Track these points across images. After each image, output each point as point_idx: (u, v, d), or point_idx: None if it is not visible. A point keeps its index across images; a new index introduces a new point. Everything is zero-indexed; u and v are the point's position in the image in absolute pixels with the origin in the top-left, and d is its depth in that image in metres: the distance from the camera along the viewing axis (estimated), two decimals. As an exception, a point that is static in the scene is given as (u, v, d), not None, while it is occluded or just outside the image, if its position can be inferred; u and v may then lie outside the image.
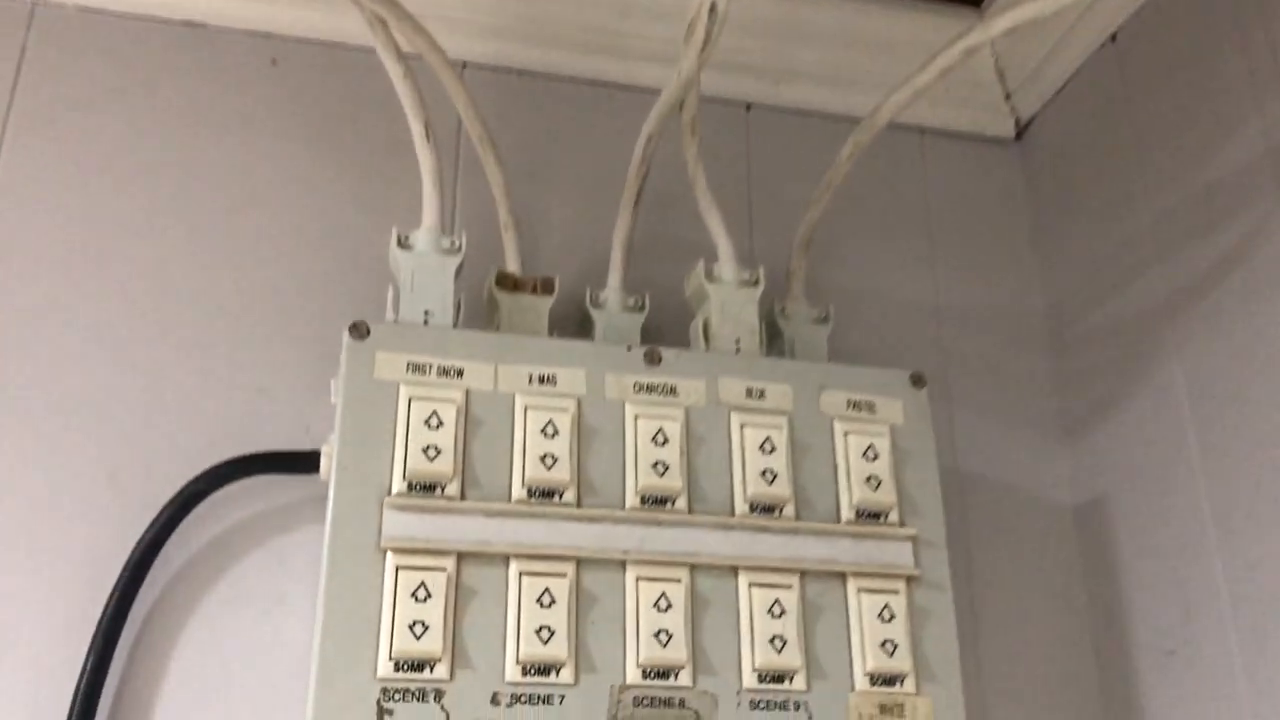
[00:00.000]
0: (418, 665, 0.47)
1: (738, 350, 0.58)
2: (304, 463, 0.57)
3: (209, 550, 0.56)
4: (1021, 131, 0.78)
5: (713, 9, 0.53)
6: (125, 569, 0.54)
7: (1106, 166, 0.70)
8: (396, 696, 0.46)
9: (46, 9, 0.65)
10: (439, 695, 0.47)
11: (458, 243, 0.58)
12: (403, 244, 0.57)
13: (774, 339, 0.63)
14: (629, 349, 0.55)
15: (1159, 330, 0.64)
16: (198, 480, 0.56)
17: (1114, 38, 0.70)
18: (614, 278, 0.63)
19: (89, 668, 0.52)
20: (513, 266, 0.62)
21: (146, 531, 0.54)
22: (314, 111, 0.67)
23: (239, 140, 0.65)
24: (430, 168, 0.58)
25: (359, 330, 0.52)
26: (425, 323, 0.55)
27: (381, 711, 0.46)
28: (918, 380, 0.58)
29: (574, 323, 0.63)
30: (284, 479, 0.57)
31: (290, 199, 0.64)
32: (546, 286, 0.61)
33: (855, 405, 0.56)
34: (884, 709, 0.51)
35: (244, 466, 0.57)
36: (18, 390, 0.57)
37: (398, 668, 0.47)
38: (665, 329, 0.63)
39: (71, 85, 0.64)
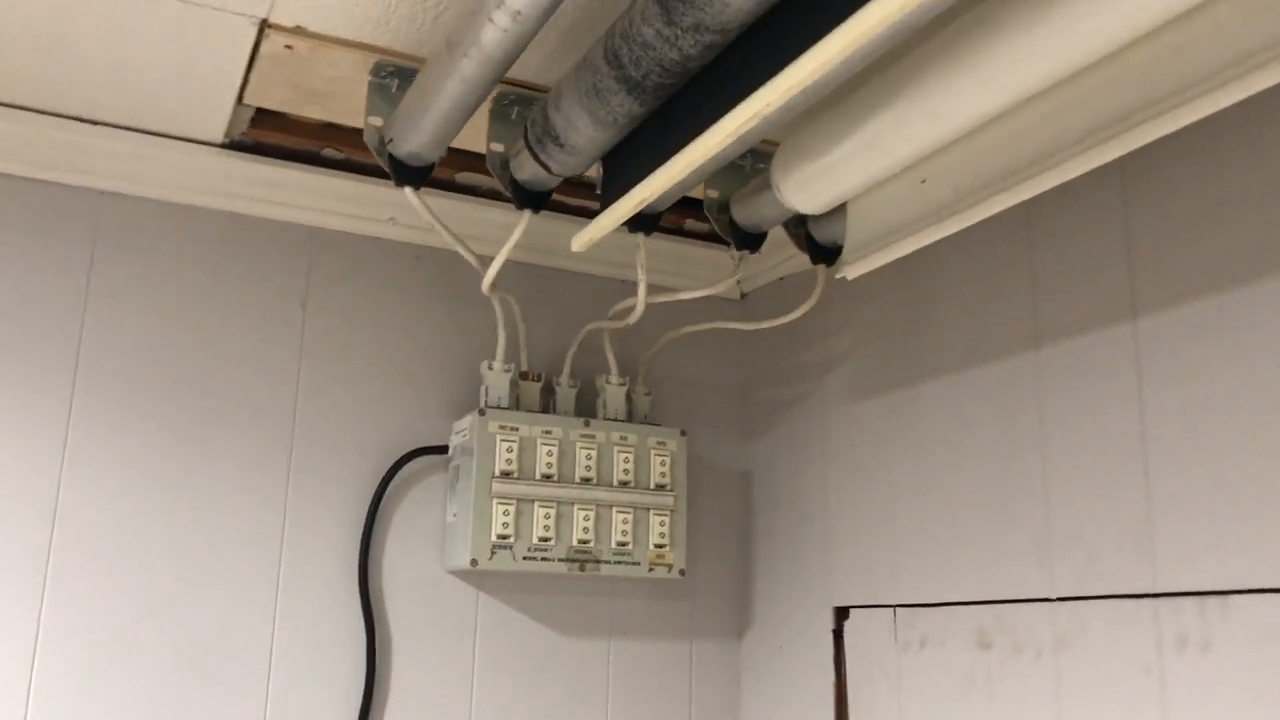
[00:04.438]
0: (504, 537, 1.36)
1: (616, 418, 1.49)
2: (441, 450, 1.44)
3: (405, 482, 1.43)
4: (744, 296, 1.69)
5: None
6: (377, 490, 1.41)
7: (780, 333, 1.62)
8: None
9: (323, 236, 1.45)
10: (510, 547, 1.37)
11: (510, 367, 1.44)
12: (490, 368, 1.43)
13: (629, 402, 1.53)
14: (578, 419, 1.44)
15: (792, 398, 1.58)
16: (401, 458, 1.42)
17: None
18: (565, 374, 1.51)
19: (366, 529, 1.39)
20: (525, 367, 1.49)
21: (384, 478, 1.41)
22: (444, 293, 1.50)
23: (400, 310, 1.48)
24: (501, 343, 1.43)
25: (482, 411, 1.39)
26: (499, 406, 1.42)
27: (496, 546, 1.36)
28: (683, 432, 1.50)
29: (547, 392, 1.50)
30: (433, 457, 1.44)
31: (434, 341, 1.48)
32: (538, 377, 1.49)
33: (659, 442, 1.48)
34: (659, 556, 1.45)
35: (418, 453, 1.44)
36: (333, 418, 1.41)
37: (497, 537, 1.36)
38: (586, 397, 1.52)
39: (347, 296, 1.45)
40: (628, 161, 1.07)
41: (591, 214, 1.55)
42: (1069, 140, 0.90)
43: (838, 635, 1.42)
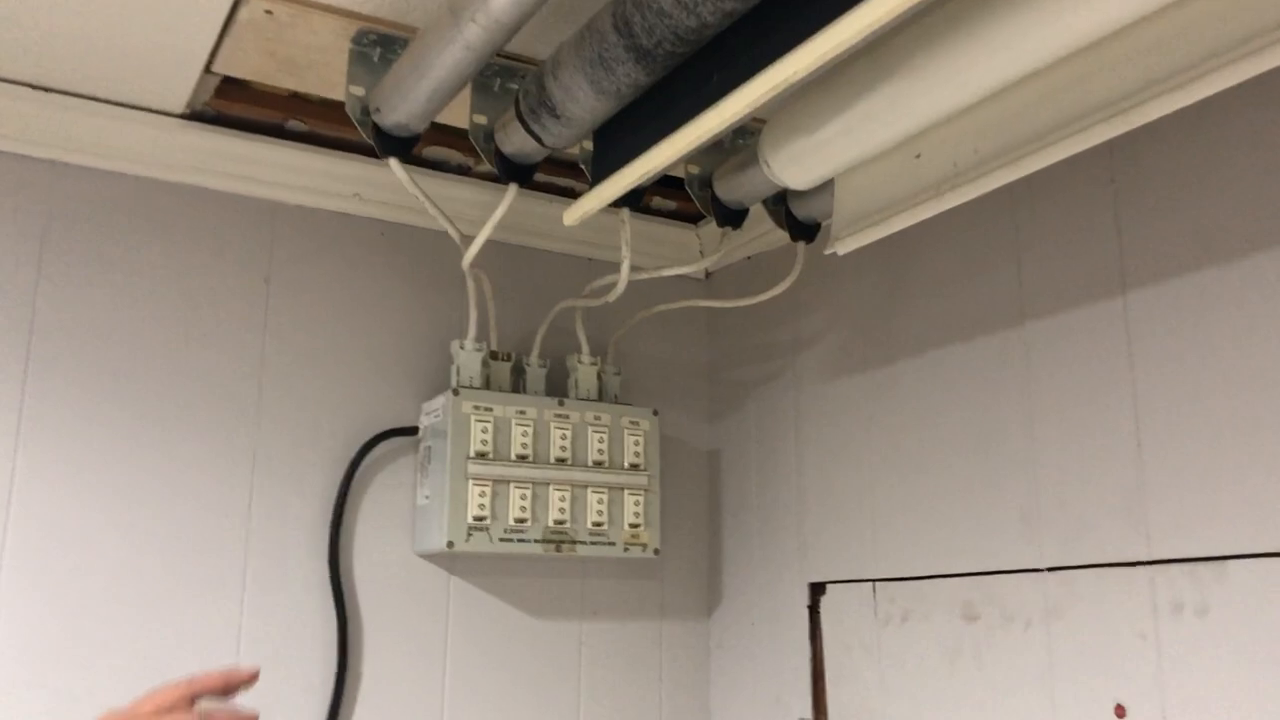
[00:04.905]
0: (480, 518, 1.34)
1: (589, 397, 1.47)
2: (411, 431, 1.41)
3: (375, 464, 1.40)
4: (709, 275, 1.69)
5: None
6: (346, 473, 1.37)
7: (749, 312, 1.62)
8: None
9: (284, 208, 1.40)
10: (486, 529, 1.34)
11: (481, 347, 1.41)
12: (461, 347, 1.40)
13: (600, 382, 1.52)
14: (551, 399, 1.42)
15: (762, 377, 1.58)
16: (371, 440, 1.38)
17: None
18: (534, 353, 1.48)
19: (336, 512, 1.35)
20: (495, 347, 1.46)
21: (353, 460, 1.37)
22: (410, 270, 1.46)
23: (365, 287, 1.44)
24: (473, 322, 1.40)
25: (456, 392, 1.36)
26: (471, 385, 1.39)
27: (472, 528, 1.33)
28: (655, 412, 1.49)
29: (517, 372, 1.48)
30: (401, 438, 1.41)
31: (401, 320, 1.45)
32: (508, 357, 1.46)
33: (632, 422, 1.46)
34: (634, 536, 1.44)
35: (388, 434, 1.40)
36: (299, 398, 1.37)
37: (473, 519, 1.33)
38: (556, 377, 1.50)
39: (305, 265, 1.40)
40: (625, 134, 1.06)
41: (557, 189, 1.53)
42: (1073, 115, 0.92)
43: (813, 611, 1.42)
